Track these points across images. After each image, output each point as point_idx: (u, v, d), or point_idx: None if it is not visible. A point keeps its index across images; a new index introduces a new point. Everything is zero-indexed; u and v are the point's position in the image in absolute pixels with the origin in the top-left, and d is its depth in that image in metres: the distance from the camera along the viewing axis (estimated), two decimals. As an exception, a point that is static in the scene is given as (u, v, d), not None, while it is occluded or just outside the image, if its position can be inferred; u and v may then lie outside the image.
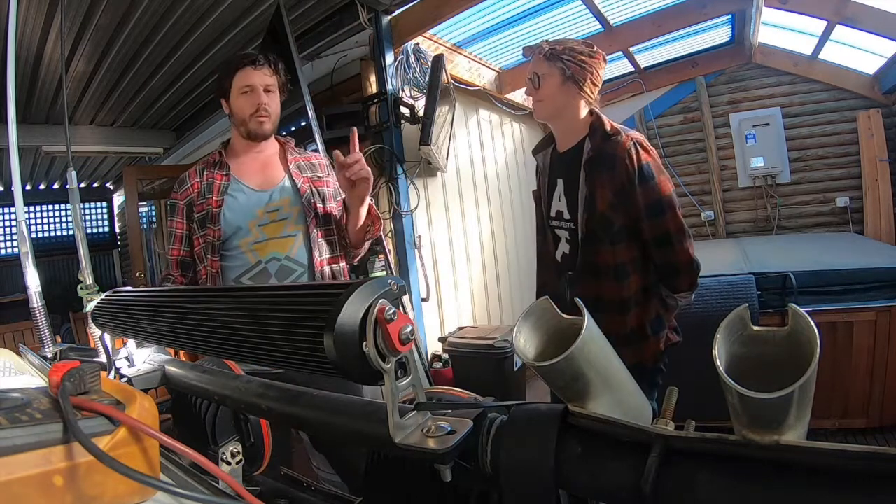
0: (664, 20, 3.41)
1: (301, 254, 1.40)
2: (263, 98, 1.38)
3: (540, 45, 1.43)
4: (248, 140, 1.43)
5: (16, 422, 0.36)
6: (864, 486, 0.27)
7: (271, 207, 1.40)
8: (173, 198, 1.45)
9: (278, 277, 1.37)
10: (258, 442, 0.76)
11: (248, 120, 1.39)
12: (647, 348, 1.39)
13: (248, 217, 1.38)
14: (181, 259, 1.43)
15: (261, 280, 1.36)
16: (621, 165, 1.32)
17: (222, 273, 1.38)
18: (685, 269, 1.39)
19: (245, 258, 1.37)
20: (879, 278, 2.31)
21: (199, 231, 1.38)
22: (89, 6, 2.47)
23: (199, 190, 1.40)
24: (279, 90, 1.44)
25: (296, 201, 1.41)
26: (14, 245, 5.98)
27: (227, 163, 1.43)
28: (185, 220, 1.42)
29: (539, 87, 1.43)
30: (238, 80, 1.38)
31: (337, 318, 0.39)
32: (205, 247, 1.37)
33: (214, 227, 1.36)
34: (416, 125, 2.78)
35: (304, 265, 1.40)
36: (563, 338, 0.43)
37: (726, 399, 0.31)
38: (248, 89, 1.38)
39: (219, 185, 1.39)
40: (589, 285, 1.40)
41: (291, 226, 1.40)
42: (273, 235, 1.38)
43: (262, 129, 1.41)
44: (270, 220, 1.39)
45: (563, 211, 1.48)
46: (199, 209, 1.38)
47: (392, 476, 0.52)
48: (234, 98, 1.40)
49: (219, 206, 1.37)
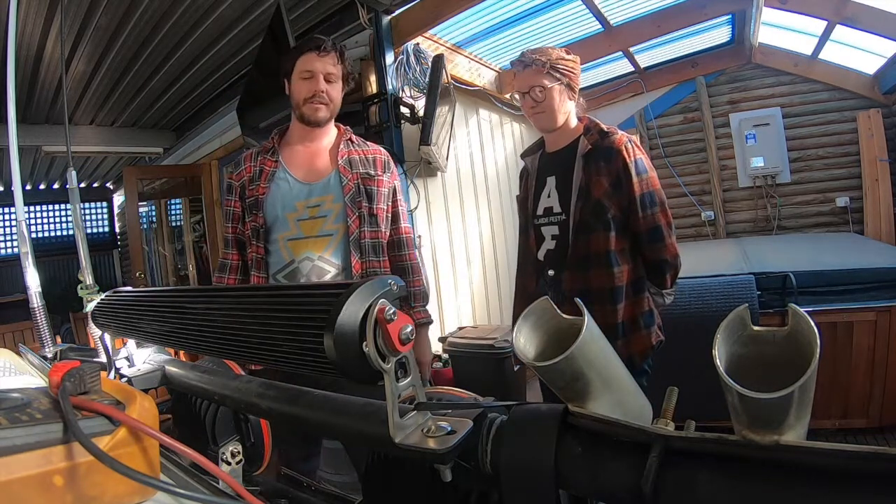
0: (664, 20, 3.41)
1: (338, 254, 1.37)
2: (322, 85, 1.36)
3: (536, 59, 1.43)
4: (302, 125, 1.41)
5: (16, 422, 0.36)
6: (864, 486, 0.27)
7: (312, 202, 1.37)
8: (229, 178, 1.46)
9: (310, 277, 1.34)
10: (258, 442, 0.76)
11: (301, 104, 1.37)
12: (639, 341, 1.42)
13: (288, 209, 1.36)
14: (237, 237, 1.44)
15: (293, 280, 1.35)
16: (618, 157, 1.38)
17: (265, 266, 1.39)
18: (672, 264, 1.44)
19: (280, 255, 1.36)
20: (879, 278, 2.31)
21: (248, 215, 1.39)
22: (89, 6, 2.47)
23: (251, 175, 1.40)
24: (342, 80, 1.42)
25: (339, 199, 1.37)
26: (14, 245, 5.98)
27: (278, 150, 1.42)
28: (240, 200, 1.42)
29: (542, 100, 1.44)
30: (300, 64, 1.37)
31: (337, 318, 0.39)
32: (252, 231, 1.37)
33: (259, 215, 1.36)
34: (416, 125, 2.78)
35: (340, 266, 1.36)
36: (563, 338, 0.43)
37: (726, 399, 0.31)
38: (308, 75, 1.36)
39: (268, 171, 1.38)
40: (578, 277, 1.41)
41: (330, 224, 1.37)
42: (310, 234, 1.36)
43: (316, 116, 1.38)
44: (309, 216, 1.36)
45: (552, 206, 1.50)
46: (249, 195, 1.38)
47: (392, 476, 0.52)
48: (295, 81, 1.39)
49: (264, 193, 1.36)
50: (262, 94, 2.92)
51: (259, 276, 1.38)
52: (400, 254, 1.49)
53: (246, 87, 3.07)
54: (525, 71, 1.46)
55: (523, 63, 1.46)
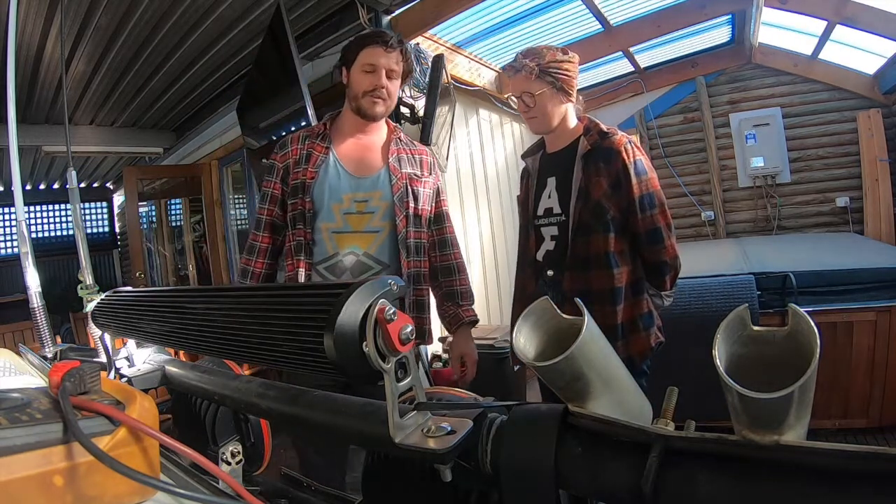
0: (664, 20, 3.41)
1: (382, 251, 1.37)
2: (384, 81, 1.35)
3: (525, 64, 1.41)
4: (356, 117, 1.40)
5: (16, 422, 0.36)
6: (864, 486, 0.27)
7: (360, 197, 1.36)
8: (272, 159, 1.42)
9: (353, 272, 1.33)
10: (258, 442, 0.76)
11: (360, 96, 1.36)
12: (638, 343, 1.41)
13: (334, 199, 1.34)
14: (272, 220, 1.40)
15: (337, 272, 1.34)
16: (617, 158, 1.37)
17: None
18: (672, 266, 1.44)
19: (323, 246, 1.34)
20: (879, 278, 2.31)
21: (290, 199, 1.36)
22: (89, 6, 2.47)
23: (297, 157, 1.37)
24: (402, 78, 1.41)
25: (386, 196, 1.37)
26: (14, 245, 5.98)
27: (330, 136, 1.40)
28: (280, 183, 1.39)
29: (533, 105, 1.44)
30: (364, 56, 1.35)
31: (337, 318, 0.39)
32: (295, 215, 1.35)
33: (306, 199, 1.33)
34: (416, 125, 2.78)
35: (385, 263, 1.36)
36: (563, 338, 0.43)
37: (726, 399, 0.31)
38: (370, 68, 1.35)
39: (317, 157, 1.36)
40: (578, 278, 1.41)
41: (377, 221, 1.36)
42: (357, 228, 1.35)
43: (374, 111, 1.37)
44: (357, 211, 1.36)
45: (552, 207, 1.49)
46: (294, 177, 1.36)
47: (392, 476, 0.52)
48: (356, 72, 1.37)
49: (312, 178, 1.34)
50: (262, 94, 2.92)
51: (304, 262, 1.34)
52: (445, 253, 1.50)
53: (246, 87, 3.08)
54: (516, 76, 1.45)
55: (514, 68, 1.45)
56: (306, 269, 1.33)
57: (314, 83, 2.89)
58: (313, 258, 1.35)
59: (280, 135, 1.51)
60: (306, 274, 1.33)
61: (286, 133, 1.47)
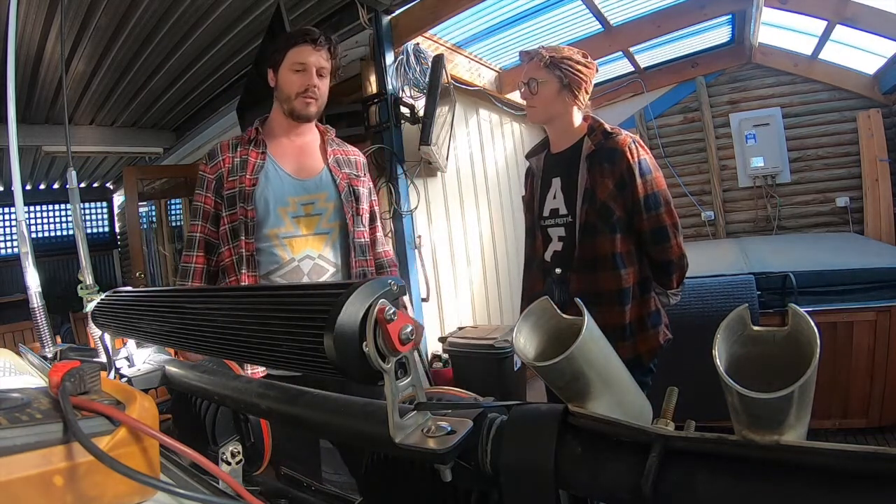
0: (664, 20, 3.41)
1: (334, 252, 1.35)
2: (315, 80, 1.33)
3: (539, 52, 1.45)
4: (289, 119, 1.37)
5: (16, 422, 0.36)
6: (864, 486, 0.27)
7: (306, 199, 1.34)
8: (202, 170, 1.37)
9: (311, 276, 1.31)
10: (258, 442, 0.76)
11: (293, 98, 1.33)
12: (646, 341, 1.41)
13: (280, 203, 1.31)
14: (206, 238, 1.34)
15: (293, 279, 1.30)
16: (622, 159, 1.37)
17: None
18: (678, 265, 1.43)
19: (276, 254, 1.30)
20: (879, 278, 2.31)
21: (226, 210, 1.31)
22: (89, 6, 2.47)
23: (230, 166, 1.33)
24: (331, 75, 1.39)
25: (332, 197, 1.36)
26: (14, 245, 5.98)
27: (263, 141, 1.37)
28: (213, 196, 1.34)
29: (536, 93, 1.45)
30: (292, 56, 1.32)
31: (337, 318, 0.39)
32: (235, 227, 1.29)
33: (248, 207, 1.28)
34: (416, 125, 2.78)
35: (336, 264, 1.35)
36: (563, 338, 0.43)
37: (726, 399, 0.31)
38: (300, 67, 1.32)
39: (254, 163, 1.32)
40: (586, 279, 1.41)
41: (325, 222, 1.35)
42: (308, 231, 1.33)
43: (307, 111, 1.35)
44: (305, 214, 1.33)
45: (558, 208, 1.49)
46: (230, 186, 1.31)
47: (392, 476, 0.52)
48: (284, 73, 1.33)
49: (252, 185, 1.29)
50: (261, 94, 2.92)
51: (249, 276, 1.28)
52: (379, 251, 1.53)
53: (246, 87, 3.07)
54: (529, 63, 1.48)
55: (529, 55, 1.48)
56: (251, 283, 1.27)
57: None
58: (262, 269, 1.30)
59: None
60: None
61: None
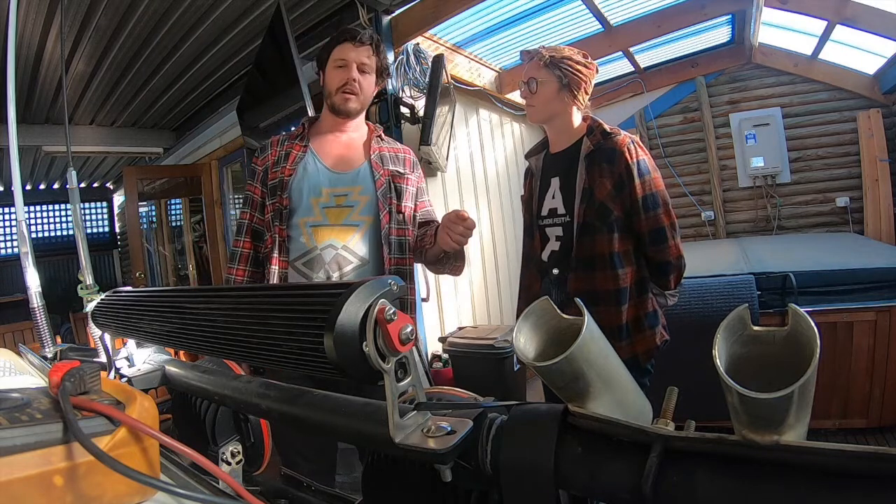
0: (664, 20, 3.41)
1: (361, 246, 1.36)
2: (354, 74, 1.36)
3: (539, 52, 1.46)
4: (333, 115, 1.41)
5: (16, 422, 0.36)
6: (864, 486, 0.27)
7: (339, 191, 1.37)
8: (253, 163, 1.45)
9: (331, 266, 1.33)
10: (258, 442, 0.76)
11: (333, 93, 1.38)
12: (643, 342, 1.41)
13: (313, 193, 1.35)
14: (254, 226, 1.42)
15: (315, 267, 1.33)
16: (620, 159, 1.37)
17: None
18: (676, 266, 1.43)
19: (301, 241, 1.34)
20: (879, 278, 2.31)
21: (269, 199, 1.38)
22: (89, 6, 2.47)
23: (275, 158, 1.39)
24: (375, 73, 1.41)
25: (368, 191, 1.37)
26: (14, 245, 5.98)
27: (308, 136, 1.42)
28: (260, 186, 1.41)
29: (535, 93, 1.46)
30: (335, 53, 1.38)
31: (337, 318, 0.39)
32: (273, 214, 1.36)
33: (283, 196, 1.34)
34: (416, 125, 2.78)
35: (364, 258, 1.36)
36: (563, 338, 0.43)
37: (726, 399, 0.31)
38: (341, 63, 1.37)
39: (295, 155, 1.38)
40: (583, 279, 1.41)
41: (356, 215, 1.36)
42: (334, 222, 1.35)
43: (347, 106, 1.38)
44: (336, 205, 1.36)
45: (556, 208, 1.50)
46: (272, 177, 1.37)
47: (392, 476, 0.52)
48: (328, 70, 1.39)
49: (290, 174, 1.35)
50: (261, 94, 2.92)
51: (281, 260, 1.34)
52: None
53: (246, 88, 3.08)
54: (529, 63, 1.49)
55: (529, 55, 1.49)
56: (281, 267, 1.33)
57: (314, 83, 2.88)
58: (290, 255, 1.35)
59: (280, 134, 1.50)
60: (280, 271, 1.34)
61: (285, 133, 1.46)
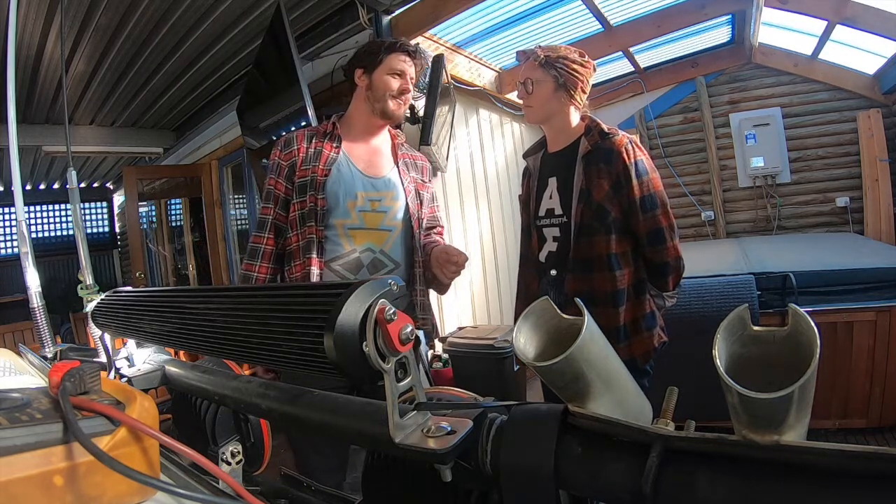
0: (664, 20, 3.41)
1: (395, 250, 1.38)
2: (410, 86, 1.40)
3: (535, 52, 1.46)
4: (374, 117, 1.41)
5: (16, 422, 0.36)
6: (864, 486, 0.27)
7: (373, 196, 1.38)
8: (276, 157, 1.40)
9: (370, 270, 1.35)
10: (258, 442, 0.76)
11: (387, 98, 1.38)
12: (641, 344, 1.41)
13: (349, 196, 1.35)
14: (276, 222, 1.39)
15: (353, 269, 1.34)
16: (618, 159, 1.37)
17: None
18: (674, 267, 1.43)
19: (340, 243, 1.34)
20: (879, 278, 2.31)
21: (296, 197, 1.35)
22: (89, 6, 2.47)
23: (304, 156, 1.37)
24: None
25: (398, 197, 1.40)
26: (14, 245, 5.98)
27: (339, 136, 1.41)
28: (285, 182, 1.38)
29: (532, 93, 1.45)
30: (392, 61, 1.38)
31: (337, 318, 0.39)
32: (304, 213, 1.33)
33: (318, 196, 1.32)
34: (416, 125, 2.78)
35: (398, 262, 1.38)
36: (562, 338, 0.43)
37: (726, 399, 0.31)
38: (399, 72, 1.38)
39: (328, 155, 1.36)
40: (581, 280, 1.41)
41: (389, 220, 1.38)
42: (371, 226, 1.36)
43: (399, 112, 1.40)
44: (372, 209, 1.37)
45: (554, 208, 1.49)
46: (301, 175, 1.35)
47: (392, 476, 0.52)
48: (381, 75, 1.38)
49: (325, 175, 1.34)
50: (261, 94, 2.92)
51: (317, 260, 1.32)
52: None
53: (246, 88, 3.08)
54: (526, 63, 1.48)
55: (525, 55, 1.49)
56: (319, 268, 1.32)
57: (314, 83, 2.89)
58: (326, 255, 1.34)
59: (280, 135, 1.49)
60: (320, 272, 1.32)
61: (284, 133, 1.45)
